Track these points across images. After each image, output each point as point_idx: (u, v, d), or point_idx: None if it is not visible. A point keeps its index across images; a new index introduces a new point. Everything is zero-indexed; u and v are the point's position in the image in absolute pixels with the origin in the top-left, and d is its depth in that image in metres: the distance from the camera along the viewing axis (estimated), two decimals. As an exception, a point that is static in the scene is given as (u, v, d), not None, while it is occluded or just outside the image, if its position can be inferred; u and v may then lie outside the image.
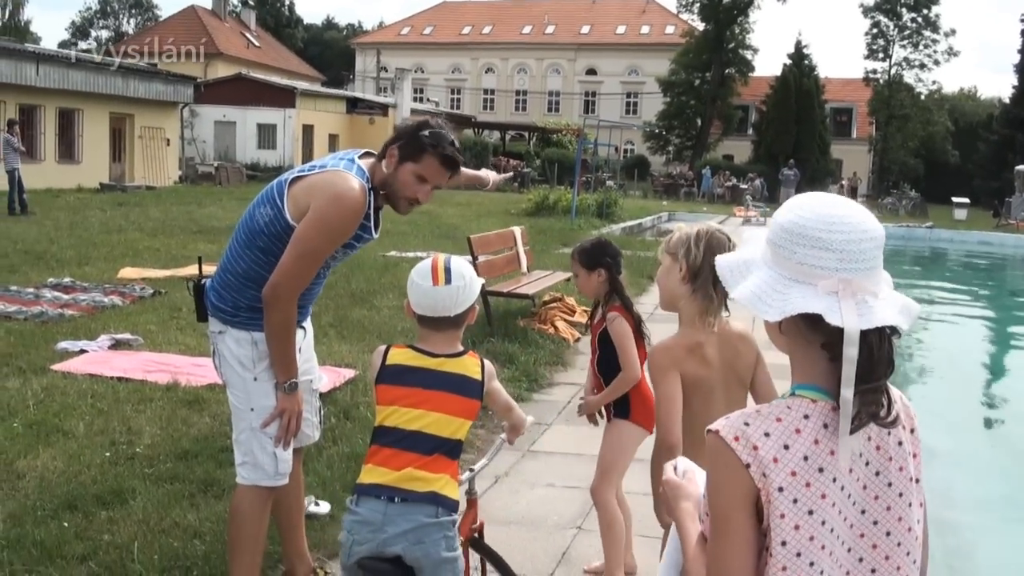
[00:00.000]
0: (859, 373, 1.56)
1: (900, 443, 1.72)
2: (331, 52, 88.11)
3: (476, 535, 3.40)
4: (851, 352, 1.56)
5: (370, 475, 2.89)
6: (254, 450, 3.56)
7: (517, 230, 10.98)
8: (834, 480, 1.62)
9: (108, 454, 5.55)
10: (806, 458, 1.60)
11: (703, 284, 2.90)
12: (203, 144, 41.67)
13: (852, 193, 57.47)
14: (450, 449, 2.91)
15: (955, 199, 40.73)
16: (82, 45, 79.13)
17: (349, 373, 7.46)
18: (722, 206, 39.35)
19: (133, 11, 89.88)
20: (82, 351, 8.00)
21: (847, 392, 1.57)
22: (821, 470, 1.60)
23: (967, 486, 6.84)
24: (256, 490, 3.58)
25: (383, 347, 3.06)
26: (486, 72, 76.03)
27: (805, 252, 1.64)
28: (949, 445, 7.33)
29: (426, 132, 3.35)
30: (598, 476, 4.12)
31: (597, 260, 4.17)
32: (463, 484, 3.16)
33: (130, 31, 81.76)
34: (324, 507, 4.88)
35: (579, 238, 19.24)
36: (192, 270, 8.84)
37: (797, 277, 1.65)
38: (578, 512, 5.09)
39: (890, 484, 1.70)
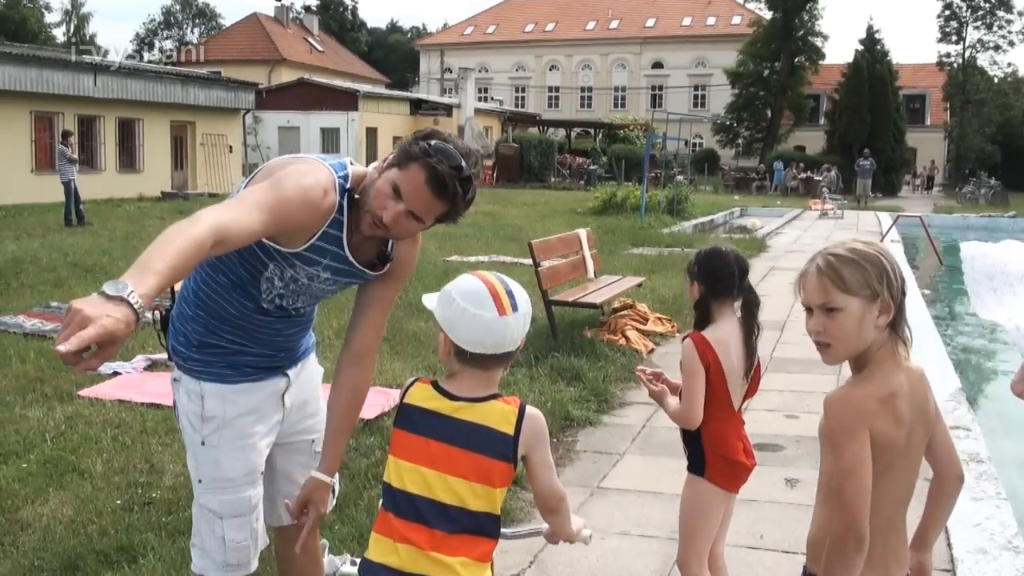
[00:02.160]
0: None
1: None
2: (396, 55, 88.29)
3: None
4: None
5: (376, 548, 2.27)
6: (202, 531, 2.85)
7: (583, 232, 10.19)
8: None
9: (120, 502, 4.92)
10: None
11: (900, 324, 2.15)
12: (267, 150, 41.54)
13: (929, 183, 55.88)
14: (474, 525, 2.23)
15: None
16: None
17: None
18: (796, 199, 38.07)
19: (196, 20, 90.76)
20: (115, 373, 7.45)
21: None
22: None
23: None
24: None
25: (411, 379, 2.36)
26: (550, 69, 75.35)
27: None
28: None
29: (430, 141, 2.55)
30: (683, 546, 3.33)
31: (692, 270, 3.37)
32: None
33: (194, 40, 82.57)
34: (359, 566, 4.17)
35: (649, 238, 18.72)
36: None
37: None
38: (659, 570, 4.29)
39: None
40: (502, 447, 2.23)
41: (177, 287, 2.86)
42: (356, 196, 2.63)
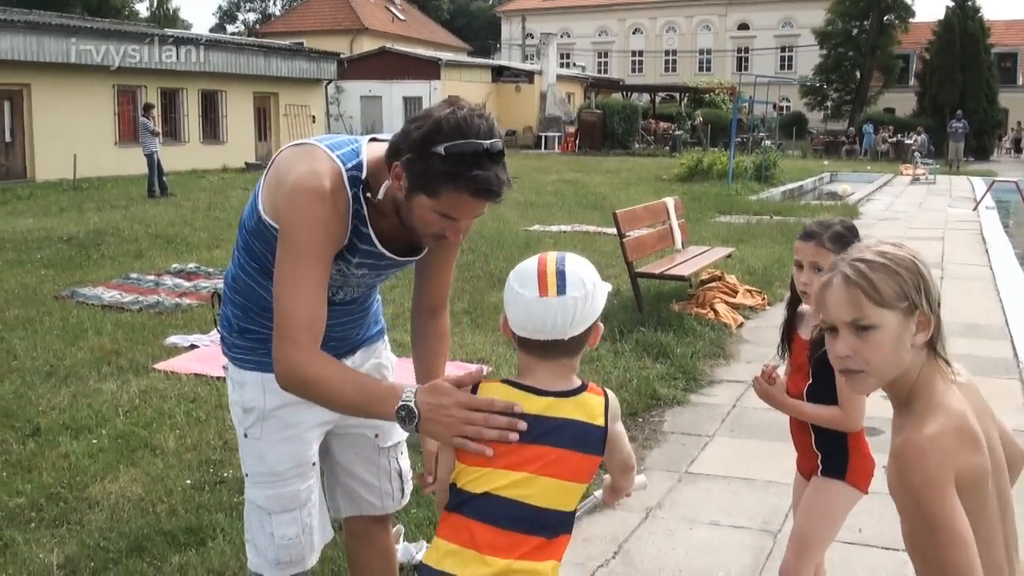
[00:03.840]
0: None
1: None
2: (478, 22, 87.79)
3: None
4: None
5: (448, 559, 1.99)
6: (253, 527, 2.65)
7: (670, 201, 9.81)
8: None
9: (190, 481, 4.77)
10: None
11: (939, 341, 1.79)
12: (350, 119, 41.77)
13: (1016, 146, 53.62)
14: (563, 526, 2.04)
15: None
16: (230, 29, 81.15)
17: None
18: (887, 163, 36.89)
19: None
20: (192, 346, 7.35)
21: None
22: None
23: None
24: None
25: (475, 383, 2.09)
26: (634, 33, 74.20)
27: None
28: None
29: (441, 149, 2.08)
30: (793, 552, 2.98)
31: (824, 242, 2.89)
32: None
33: (276, 12, 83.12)
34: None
35: (737, 205, 18.21)
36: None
37: None
38: (751, 566, 3.98)
39: None
40: (599, 439, 2.04)
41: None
42: (372, 197, 2.32)
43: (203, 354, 7.17)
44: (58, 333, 7.67)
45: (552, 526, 2.00)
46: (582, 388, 2.05)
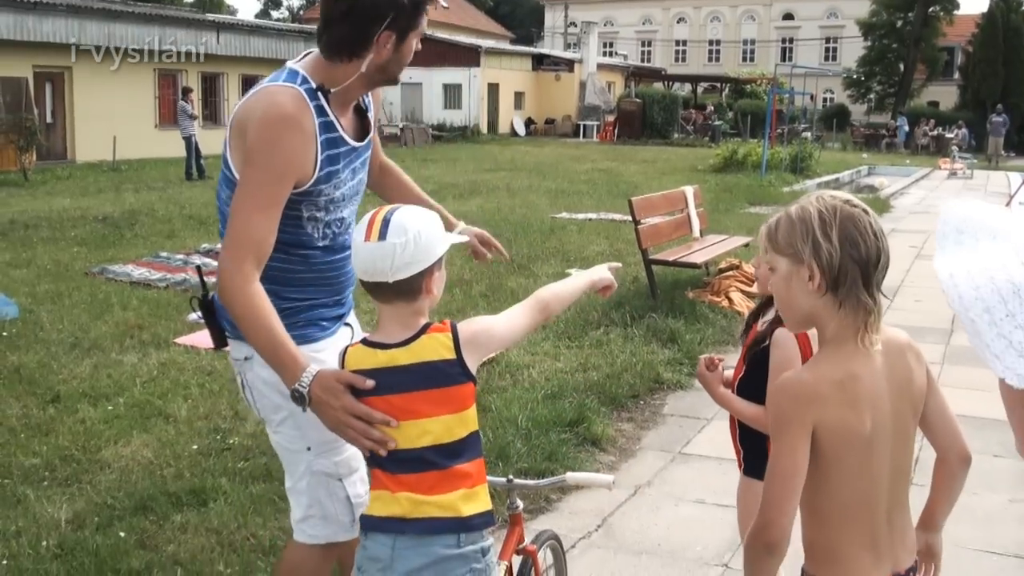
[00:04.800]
0: None
1: None
2: (522, 10, 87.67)
3: (524, 559, 2.81)
4: None
5: (375, 504, 2.27)
6: (321, 499, 2.71)
7: (689, 189, 9.87)
8: None
9: (197, 447, 4.98)
10: None
11: (851, 289, 1.88)
12: (390, 105, 41.91)
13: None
14: (459, 451, 2.21)
15: None
16: (275, 15, 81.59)
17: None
18: (927, 157, 36.52)
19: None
20: (213, 322, 7.54)
21: None
22: None
23: None
24: (322, 549, 2.76)
25: (343, 347, 2.34)
26: (678, 22, 73.79)
27: None
28: None
29: None
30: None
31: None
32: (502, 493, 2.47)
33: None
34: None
35: (768, 196, 18.18)
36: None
37: None
38: (729, 541, 4.09)
39: None
40: (456, 369, 2.20)
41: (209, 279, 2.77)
42: (332, 90, 2.58)
43: (223, 329, 7.37)
44: (85, 307, 7.93)
45: (435, 460, 2.17)
46: (422, 331, 2.21)
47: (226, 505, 4.28)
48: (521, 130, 44.51)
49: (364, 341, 2.29)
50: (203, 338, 7.10)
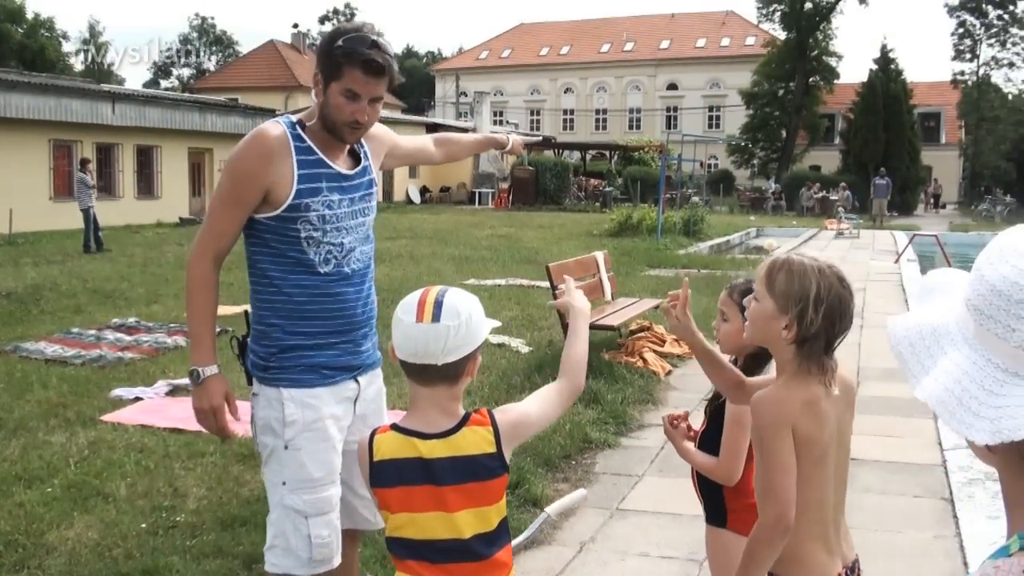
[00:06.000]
0: None
1: None
2: (412, 80, 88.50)
3: None
4: None
5: None
6: (286, 532, 2.97)
7: (599, 255, 10.23)
8: None
9: (146, 524, 4.97)
10: None
11: (813, 352, 2.26)
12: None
13: (935, 200, 55.56)
14: (498, 539, 2.26)
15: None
16: (164, 84, 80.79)
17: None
18: (812, 219, 38.01)
19: (213, 48, 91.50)
20: (137, 399, 7.52)
21: None
22: None
23: None
24: None
25: (367, 434, 2.32)
26: (565, 92, 75.61)
27: None
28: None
29: (339, 42, 2.89)
30: None
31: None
32: None
33: (211, 68, 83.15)
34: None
35: (666, 259, 18.74)
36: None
37: (1018, 369, 1.13)
38: (678, 591, 4.31)
39: None
40: (496, 462, 2.23)
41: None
42: (308, 124, 3.01)
43: (147, 406, 7.33)
44: (4, 386, 7.78)
45: (479, 550, 2.22)
46: (463, 422, 2.23)
47: (181, 582, 4.31)
48: (416, 198, 44.83)
49: (396, 427, 2.27)
50: (130, 415, 7.09)
